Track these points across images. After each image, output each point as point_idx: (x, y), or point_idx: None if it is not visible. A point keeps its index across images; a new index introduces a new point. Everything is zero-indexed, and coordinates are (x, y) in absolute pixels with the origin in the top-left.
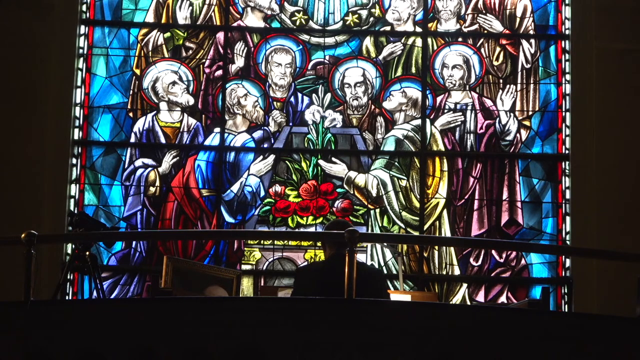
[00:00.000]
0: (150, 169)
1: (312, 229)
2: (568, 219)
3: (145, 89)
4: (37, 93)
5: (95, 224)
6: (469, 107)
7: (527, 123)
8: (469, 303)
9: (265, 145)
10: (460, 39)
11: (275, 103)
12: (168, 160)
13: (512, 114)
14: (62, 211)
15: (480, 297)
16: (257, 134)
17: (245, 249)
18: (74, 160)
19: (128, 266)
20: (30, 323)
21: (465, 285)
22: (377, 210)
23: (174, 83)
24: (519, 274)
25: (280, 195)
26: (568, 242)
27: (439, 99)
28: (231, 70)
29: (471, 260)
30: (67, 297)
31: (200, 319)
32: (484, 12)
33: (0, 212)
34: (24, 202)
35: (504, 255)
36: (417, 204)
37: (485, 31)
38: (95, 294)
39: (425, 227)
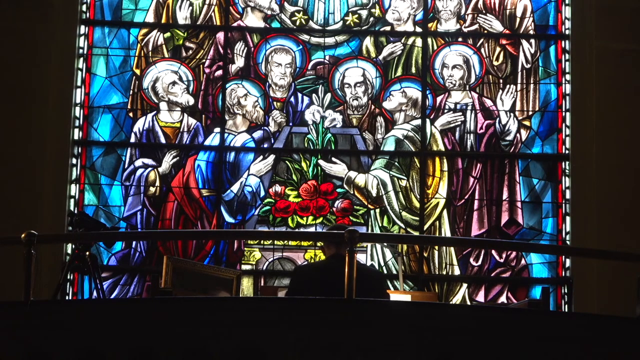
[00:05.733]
0: (150, 169)
1: (312, 229)
2: (568, 219)
3: (145, 89)
4: (37, 93)
5: (95, 224)
6: (469, 107)
7: (527, 123)
8: (469, 303)
9: (265, 145)
10: (460, 39)
11: (275, 103)
12: (168, 160)
13: (512, 114)
14: (62, 211)
15: (480, 297)
16: (257, 134)
17: (245, 249)
18: (74, 160)
19: (128, 266)
20: (30, 323)
21: (465, 285)
22: (377, 210)
23: (174, 83)
24: (519, 274)
25: (280, 195)
26: (568, 242)
27: (439, 99)
28: (231, 70)
29: (471, 260)
30: (67, 297)
31: (200, 319)
32: (484, 12)
33: (0, 212)
34: (24, 202)
35: (504, 255)
36: (417, 204)
37: (485, 31)
38: (95, 294)
39: (425, 227)
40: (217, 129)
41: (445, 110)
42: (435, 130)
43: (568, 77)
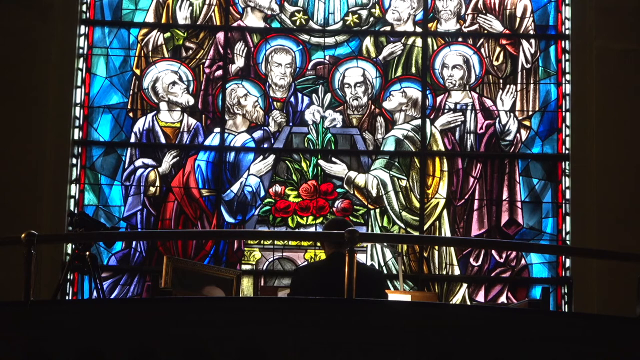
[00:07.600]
0: (150, 169)
1: (312, 229)
2: (568, 219)
3: (145, 89)
4: (37, 93)
5: (95, 224)
6: (469, 107)
7: (527, 123)
8: (469, 303)
9: (265, 145)
10: (460, 39)
11: (275, 103)
12: (168, 160)
13: (512, 114)
14: (62, 211)
15: (480, 297)
16: (257, 134)
17: (245, 249)
18: (74, 160)
19: (128, 266)
20: (30, 323)
21: (465, 285)
22: (377, 210)
23: (174, 83)
24: (519, 274)
25: (280, 195)
26: (568, 242)
27: (439, 99)
28: (231, 70)
29: (471, 260)
30: (67, 297)
31: (200, 319)
32: (484, 12)
33: (0, 212)
34: (24, 202)
35: (504, 255)
36: (417, 204)
37: (485, 31)
38: (95, 294)
39: (425, 227)
40: (217, 129)
41: (445, 110)
42: (435, 130)
43: (568, 77)
